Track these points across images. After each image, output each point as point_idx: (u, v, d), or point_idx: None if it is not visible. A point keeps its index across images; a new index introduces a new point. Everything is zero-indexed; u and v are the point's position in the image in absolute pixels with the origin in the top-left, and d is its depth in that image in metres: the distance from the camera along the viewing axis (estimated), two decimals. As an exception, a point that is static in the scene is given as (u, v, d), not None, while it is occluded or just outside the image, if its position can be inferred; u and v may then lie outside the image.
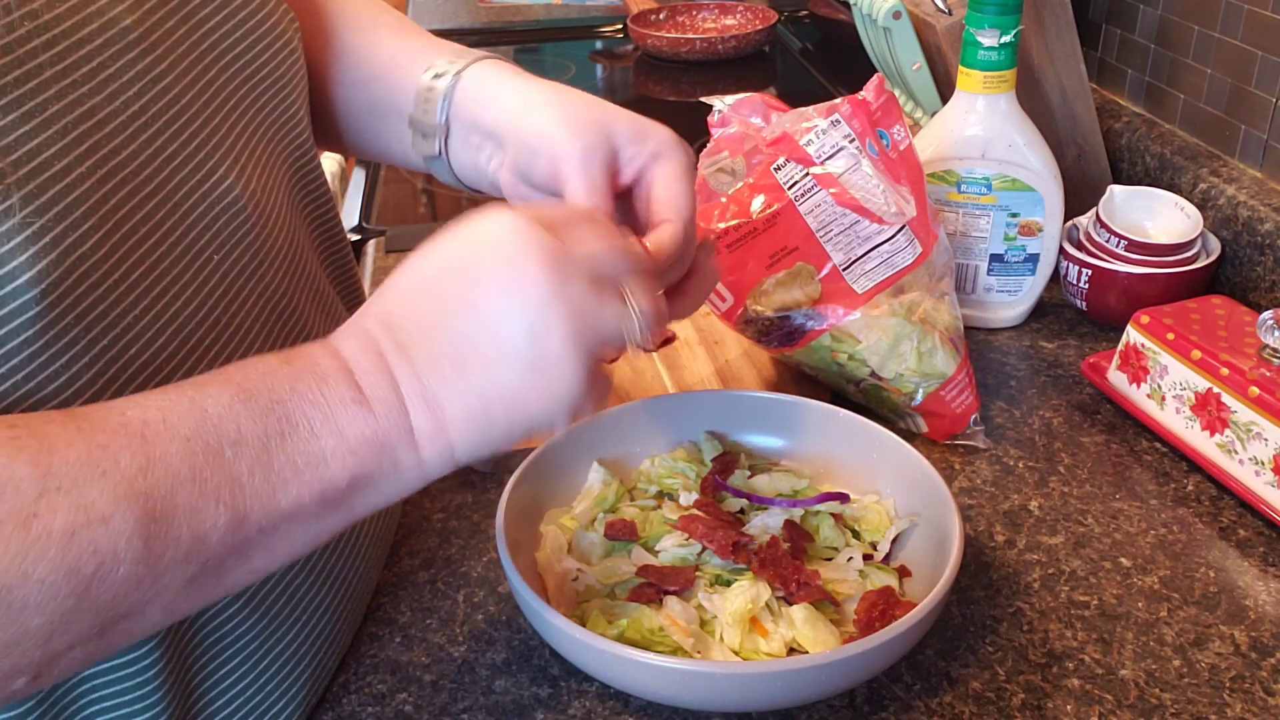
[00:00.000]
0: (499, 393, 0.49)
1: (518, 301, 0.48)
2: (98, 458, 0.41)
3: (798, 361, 0.86)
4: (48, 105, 0.43)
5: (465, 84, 0.66)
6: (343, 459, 0.46)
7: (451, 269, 0.50)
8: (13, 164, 0.41)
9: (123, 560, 0.40)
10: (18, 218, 0.41)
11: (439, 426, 0.49)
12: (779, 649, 0.62)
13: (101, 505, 0.40)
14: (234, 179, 0.53)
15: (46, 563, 0.38)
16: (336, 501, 0.47)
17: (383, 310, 0.50)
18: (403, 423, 0.48)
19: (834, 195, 0.79)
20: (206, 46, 0.55)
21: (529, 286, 0.48)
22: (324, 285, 0.63)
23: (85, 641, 0.41)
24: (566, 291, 0.49)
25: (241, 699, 0.56)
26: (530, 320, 0.48)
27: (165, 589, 0.42)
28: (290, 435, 0.45)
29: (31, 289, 0.41)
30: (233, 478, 0.43)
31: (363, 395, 0.47)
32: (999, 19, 0.87)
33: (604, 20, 1.97)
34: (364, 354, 0.48)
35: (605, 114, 0.62)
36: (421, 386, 0.48)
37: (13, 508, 0.38)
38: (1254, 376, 0.75)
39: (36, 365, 0.43)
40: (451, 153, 0.68)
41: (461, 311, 0.49)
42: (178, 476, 0.42)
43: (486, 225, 0.50)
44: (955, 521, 0.65)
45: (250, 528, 0.44)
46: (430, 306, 0.49)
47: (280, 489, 0.45)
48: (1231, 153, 1.01)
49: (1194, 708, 0.62)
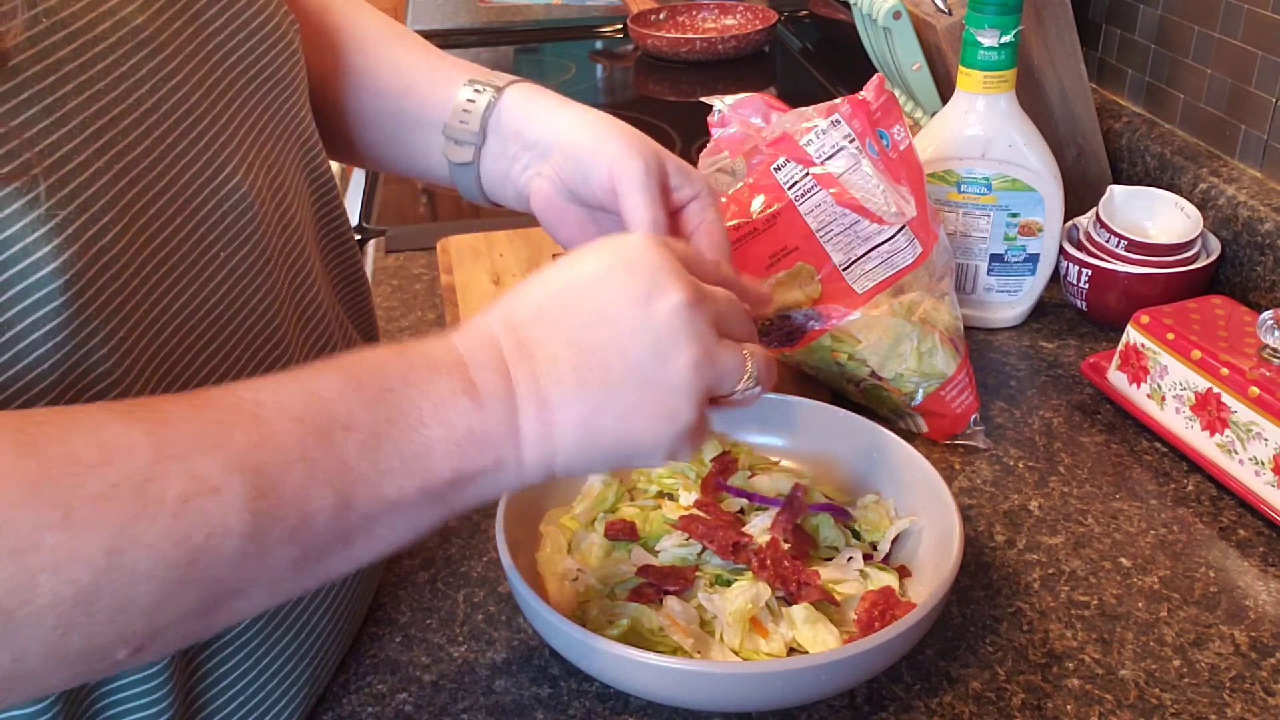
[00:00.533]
0: (614, 407, 0.49)
1: (652, 320, 0.49)
2: (211, 431, 0.41)
3: (798, 361, 0.86)
4: (68, 100, 0.44)
5: (510, 98, 0.69)
6: (447, 450, 0.47)
7: (588, 279, 0.51)
8: (39, 155, 0.42)
9: (231, 533, 0.41)
10: (43, 208, 0.41)
11: (546, 432, 0.49)
12: (779, 649, 0.62)
13: (214, 476, 0.40)
14: (242, 176, 0.54)
15: (158, 528, 0.39)
16: (437, 494, 0.47)
17: (508, 311, 0.51)
18: (510, 421, 0.48)
19: (834, 195, 0.79)
20: (212, 46, 0.55)
21: (666, 308, 0.49)
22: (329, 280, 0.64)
23: (190, 617, 0.41)
24: (698, 323, 0.50)
25: (243, 698, 0.56)
26: (660, 340, 0.49)
27: (270, 568, 0.43)
28: (399, 423, 0.46)
29: (56, 279, 0.42)
30: (341, 461, 0.44)
31: (474, 389, 0.48)
32: (999, 19, 0.87)
33: (604, 20, 1.97)
34: (481, 349, 0.49)
35: (658, 147, 0.66)
36: (537, 387, 0.49)
37: (127, 472, 0.38)
38: (1254, 376, 0.75)
39: (61, 356, 0.43)
40: (483, 160, 0.70)
41: (593, 320, 0.49)
42: (289, 455, 0.42)
43: (629, 245, 0.51)
44: (955, 521, 0.65)
45: (354, 514, 0.45)
46: (560, 311, 0.50)
47: (386, 477, 0.45)
48: (1231, 153, 1.01)
49: (1194, 708, 0.62)
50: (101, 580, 0.38)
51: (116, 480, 0.38)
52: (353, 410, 0.45)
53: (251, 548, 0.41)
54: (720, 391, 0.52)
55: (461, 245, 1.10)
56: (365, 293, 0.73)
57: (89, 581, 0.38)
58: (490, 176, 0.71)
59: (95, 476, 0.38)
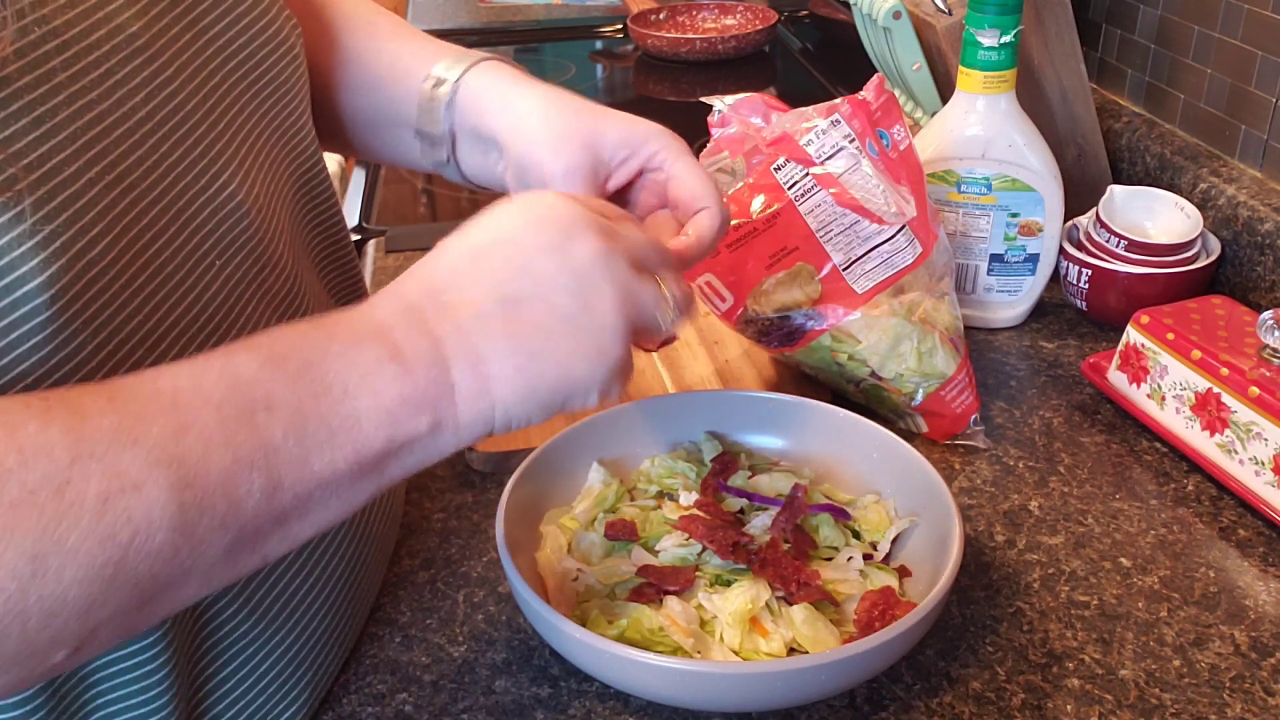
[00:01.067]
0: (550, 353, 0.50)
1: (571, 265, 0.50)
2: (130, 425, 0.40)
3: (798, 361, 0.86)
4: (58, 111, 0.43)
5: (465, 90, 0.67)
6: (378, 420, 0.46)
7: (502, 238, 0.51)
8: (25, 169, 0.41)
9: (158, 528, 0.40)
10: (29, 223, 0.41)
11: (483, 385, 0.49)
12: (779, 649, 0.62)
13: (134, 472, 0.40)
14: (238, 184, 0.53)
15: (80, 530, 0.38)
16: (371, 465, 0.47)
17: (424, 278, 0.51)
18: (443, 380, 0.48)
19: (834, 195, 0.79)
20: (211, 53, 0.55)
21: (582, 253, 0.50)
22: (323, 289, 0.63)
23: (124, 614, 0.41)
24: (614, 263, 0.51)
25: (245, 700, 0.56)
26: (582, 283, 0.50)
27: (202, 558, 0.42)
28: (323, 397, 0.45)
29: (42, 294, 0.41)
30: (266, 442, 0.43)
31: (400, 353, 0.47)
32: (999, 19, 0.87)
33: (604, 20, 1.97)
34: (403, 315, 0.49)
35: (592, 124, 0.64)
36: (467, 342, 0.48)
37: (46, 474, 0.38)
38: (1254, 376, 0.75)
39: (46, 370, 0.43)
40: (460, 156, 0.70)
41: (513, 274, 0.50)
42: (210, 443, 0.42)
43: (536, 201, 0.53)
44: (955, 521, 0.65)
45: (286, 494, 0.44)
46: (478, 269, 0.50)
47: (314, 453, 0.45)
48: (1231, 153, 1.01)
49: (1194, 708, 0.62)
50: (29, 587, 0.37)
51: (34, 485, 0.38)
52: (273, 389, 0.44)
53: (181, 540, 0.41)
54: (644, 323, 0.53)
55: (461, 245, 1.10)
56: (362, 297, 0.73)
57: (16, 589, 0.37)
58: (471, 169, 0.70)
59: (13, 482, 0.37)
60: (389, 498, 0.71)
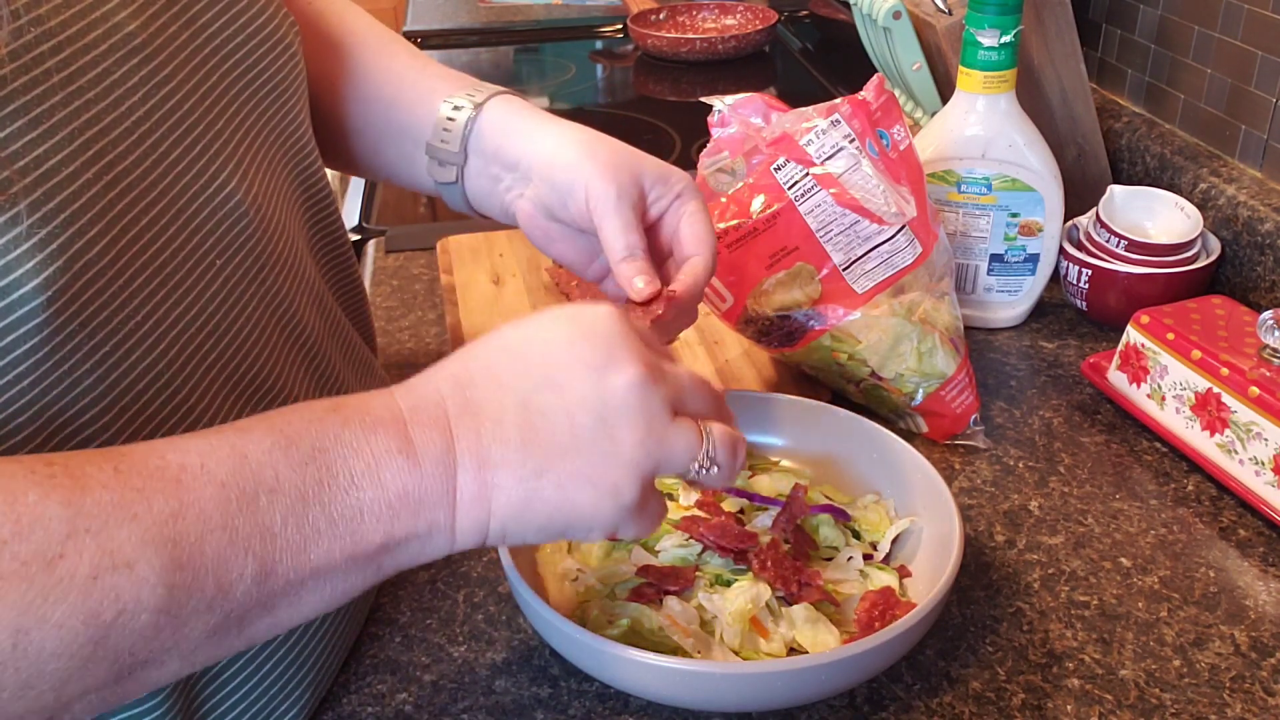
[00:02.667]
0: (555, 473, 0.48)
1: (604, 390, 0.48)
2: (130, 500, 0.40)
3: (798, 361, 0.86)
4: (54, 112, 0.43)
5: (487, 117, 0.69)
6: (378, 514, 0.45)
7: (545, 343, 0.50)
8: (19, 171, 0.41)
9: (145, 608, 0.40)
10: (24, 225, 0.41)
11: (484, 492, 0.47)
12: (779, 649, 0.62)
13: (128, 550, 0.39)
14: (237, 183, 0.53)
15: (66, 606, 0.38)
16: (366, 559, 0.46)
17: (459, 368, 0.50)
18: (448, 480, 0.47)
19: (834, 195, 0.79)
20: (209, 51, 0.55)
21: (620, 381, 0.48)
22: (323, 289, 0.64)
23: (100, 688, 0.41)
24: (651, 400, 0.49)
25: (245, 701, 0.56)
26: (609, 411, 0.48)
27: (185, 639, 0.42)
28: (329, 485, 0.44)
29: (38, 296, 0.41)
30: (264, 527, 0.43)
31: (411, 447, 0.46)
32: (999, 19, 0.87)
33: (604, 20, 1.97)
34: (423, 407, 0.48)
35: (634, 158, 0.66)
36: (479, 445, 0.47)
37: (39, 547, 0.38)
38: (1254, 376, 0.75)
39: (42, 372, 0.43)
40: (467, 179, 0.71)
41: (544, 383, 0.48)
42: (209, 523, 0.41)
43: (590, 313, 0.51)
44: (955, 521, 0.65)
45: (277, 580, 0.43)
46: (512, 371, 0.49)
47: (311, 542, 0.44)
48: (1231, 153, 1.01)
49: (1194, 708, 0.62)
50: (7, 659, 0.37)
51: (27, 557, 0.37)
52: (280, 472, 0.43)
53: (165, 620, 0.40)
54: (670, 472, 0.51)
55: (461, 245, 1.10)
56: (361, 297, 0.73)
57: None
58: (476, 194, 0.71)
59: (6, 553, 0.37)
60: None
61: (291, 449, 0.44)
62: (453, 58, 1.82)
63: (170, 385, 0.49)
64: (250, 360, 0.54)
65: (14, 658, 0.37)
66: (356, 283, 0.72)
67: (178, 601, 0.41)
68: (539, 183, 0.67)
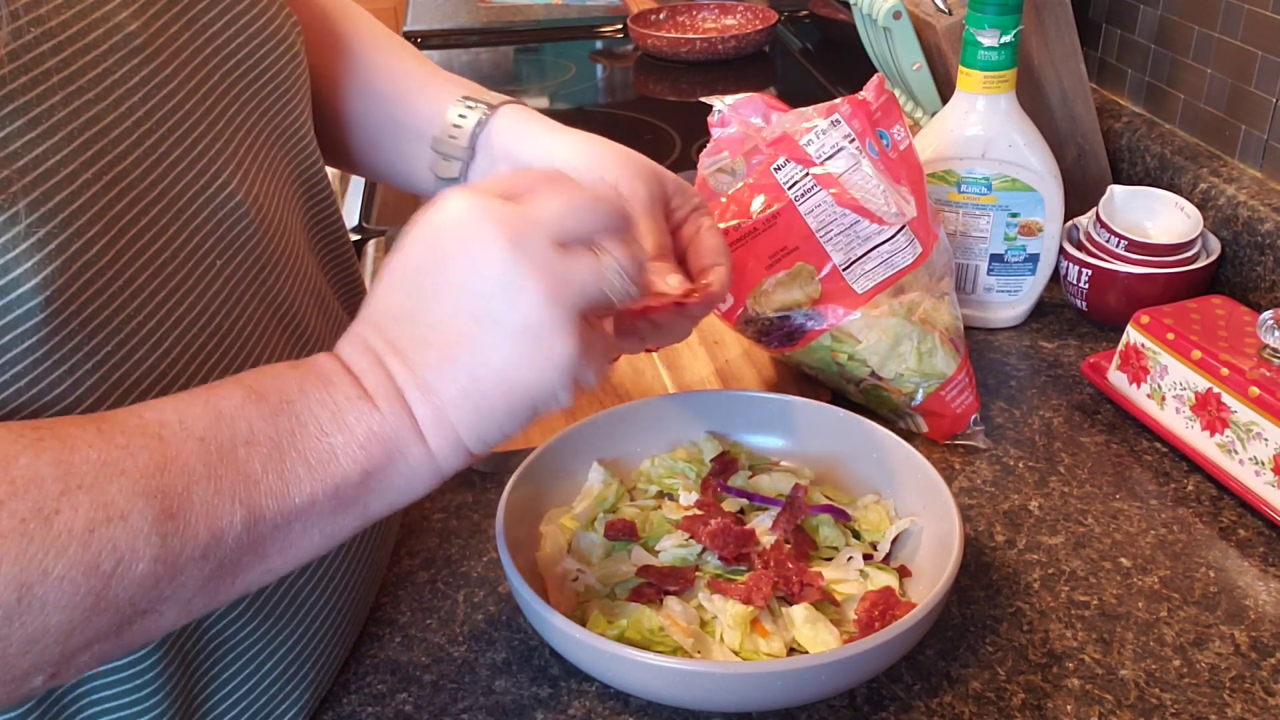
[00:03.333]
0: (490, 369, 0.48)
1: (483, 273, 0.48)
2: (117, 457, 0.41)
3: (798, 361, 0.86)
4: (54, 112, 0.43)
5: (502, 119, 0.70)
6: (352, 454, 0.47)
7: (418, 259, 0.50)
8: (18, 171, 0.41)
9: (141, 557, 0.41)
10: (23, 225, 0.41)
11: (439, 413, 0.49)
12: (779, 649, 0.62)
13: (120, 503, 0.41)
14: (237, 184, 0.53)
15: (67, 559, 0.39)
16: (350, 498, 0.47)
17: (370, 313, 0.51)
18: (405, 413, 0.48)
19: (834, 195, 0.79)
20: (210, 51, 0.55)
21: (489, 256, 0.48)
22: (324, 288, 0.64)
23: (103, 639, 0.42)
24: (528, 252, 0.47)
25: (245, 702, 0.56)
26: (498, 287, 0.47)
27: (182, 586, 0.43)
28: (300, 434, 0.46)
29: (36, 296, 0.41)
30: (247, 476, 0.44)
31: (365, 391, 0.48)
32: (999, 19, 0.87)
33: (604, 20, 1.97)
34: (361, 354, 0.49)
35: (656, 167, 0.67)
36: (414, 376, 0.49)
37: (36, 504, 0.39)
38: (1254, 376, 0.75)
39: (41, 372, 0.43)
40: (470, 178, 0.71)
41: (434, 298, 0.49)
42: (193, 475, 0.43)
43: (442, 209, 0.50)
44: (955, 521, 0.65)
45: (265, 525, 0.45)
46: (407, 300, 0.50)
47: (293, 486, 0.45)
48: (1231, 153, 1.01)
49: (1194, 708, 0.62)
50: (13, 614, 0.38)
51: (25, 514, 0.39)
52: (254, 425, 0.45)
53: (162, 569, 0.42)
54: (590, 301, 0.49)
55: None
56: (362, 296, 0.73)
57: (1, 617, 0.38)
58: None
59: (4, 513, 0.38)
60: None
61: (261, 403, 0.46)
62: (453, 58, 1.82)
63: (170, 385, 0.49)
64: (250, 359, 0.54)
65: (19, 612, 0.38)
66: (357, 282, 0.72)
67: (172, 550, 0.42)
68: None
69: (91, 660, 0.42)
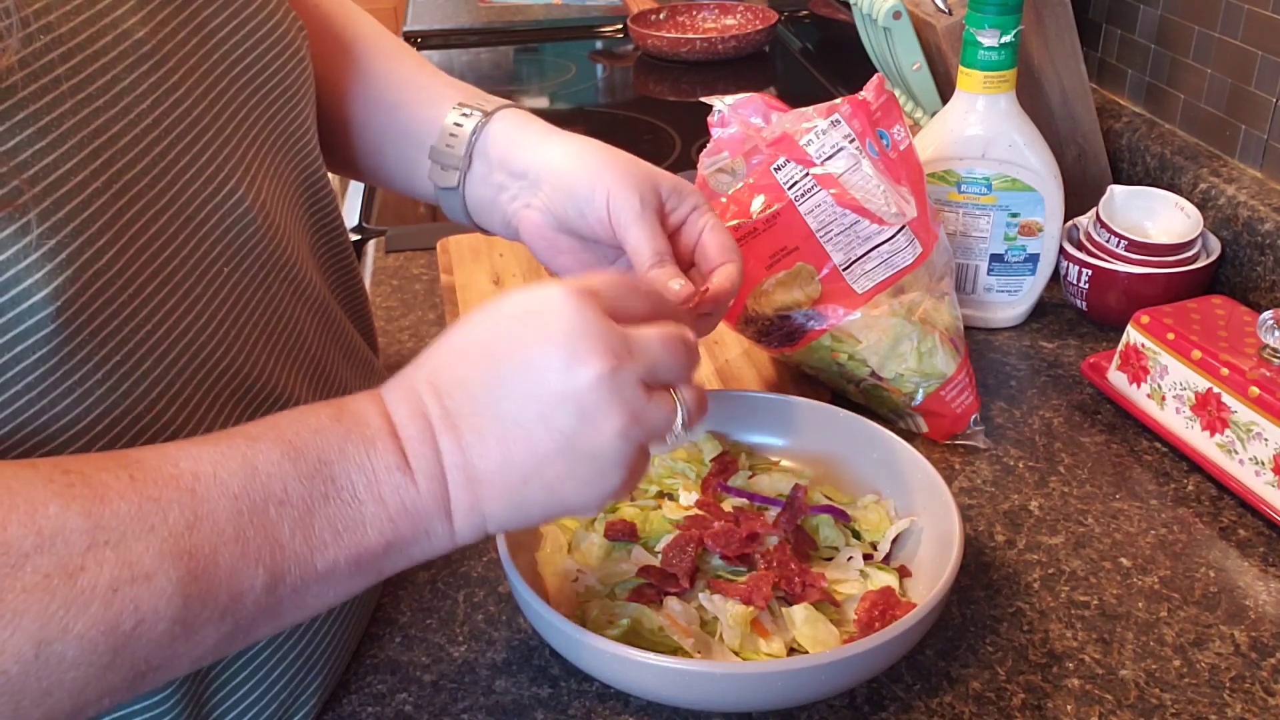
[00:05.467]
0: (540, 478, 0.49)
1: (575, 391, 0.48)
2: (148, 511, 0.41)
3: (798, 361, 0.86)
4: (64, 120, 0.43)
5: (497, 125, 0.69)
6: (380, 526, 0.47)
7: (506, 343, 0.50)
8: (28, 181, 0.41)
9: (162, 618, 0.41)
10: (34, 235, 0.41)
11: (475, 503, 0.49)
12: (779, 649, 0.62)
13: (146, 562, 0.40)
14: (245, 190, 0.53)
15: (88, 618, 0.39)
16: (369, 564, 0.47)
17: (433, 372, 0.50)
18: (442, 494, 0.48)
19: (834, 196, 0.79)
20: (218, 57, 0.54)
21: (582, 377, 0.48)
22: (325, 294, 0.64)
23: (114, 692, 0.41)
24: (622, 387, 0.49)
25: (253, 704, 0.56)
26: (584, 411, 0.48)
27: (197, 645, 0.43)
28: (334, 498, 0.46)
29: (47, 306, 0.41)
30: (274, 539, 0.44)
31: (407, 464, 0.48)
32: (999, 19, 0.87)
33: (604, 20, 1.97)
34: (411, 419, 0.48)
35: (650, 170, 0.66)
36: (464, 460, 0.48)
37: (61, 560, 0.38)
38: (1254, 376, 0.75)
39: (51, 382, 0.43)
40: (468, 185, 0.70)
41: (515, 393, 0.49)
42: (223, 535, 0.42)
43: (549, 300, 0.50)
44: (955, 521, 0.65)
45: (285, 588, 0.45)
46: (480, 378, 0.49)
47: (318, 551, 0.45)
48: (1231, 153, 1.01)
49: (1194, 708, 0.62)
50: (30, 670, 0.38)
51: (49, 570, 0.38)
52: (288, 484, 0.45)
53: (180, 630, 0.42)
54: (651, 441, 0.52)
55: (461, 245, 1.10)
56: (362, 298, 0.73)
57: (18, 673, 0.38)
58: (476, 202, 0.71)
59: (29, 566, 0.38)
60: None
61: (299, 461, 0.45)
62: (453, 58, 1.82)
63: (180, 394, 0.49)
64: (252, 367, 0.54)
65: (36, 668, 0.38)
66: (357, 283, 0.72)
67: (192, 611, 0.42)
68: (551, 191, 0.66)
69: (101, 708, 0.42)
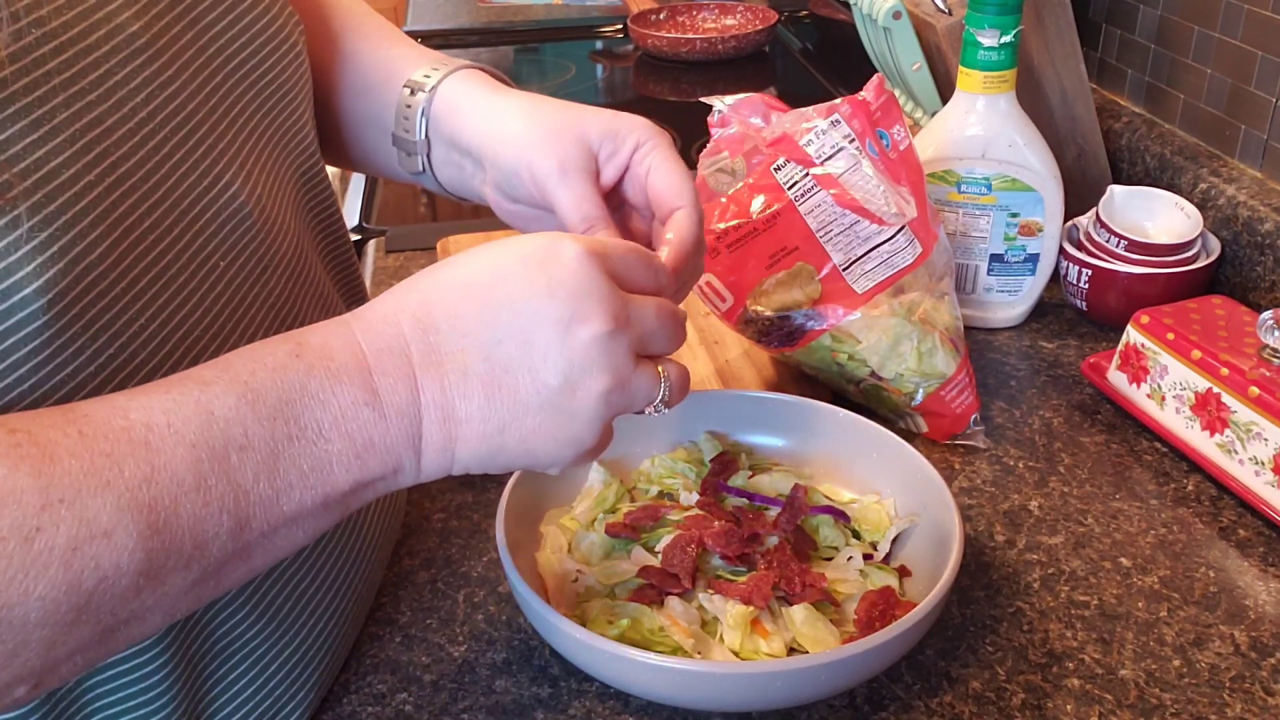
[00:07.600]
0: (518, 427, 0.49)
1: (569, 346, 0.48)
2: (101, 467, 0.40)
3: (798, 361, 0.86)
4: (55, 114, 0.43)
5: (441, 99, 0.66)
6: (348, 464, 0.46)
7: (511, 291, 0.49)
8: (19, 174, 0.41)
9: (124, 573, 0.40)
10: (25, 228, 0.41)
11: (448, 443, 0.49)
12: (779, 649, 0.62)
13: (104, 519, 0.39)
14: (240, 185, 0.53)
15: (48, 580, 0.38)
16: (335, 503, 0.47)
17: (419, 307, 0.49)
18: (413, 430, 0.48)
19: (834, 196, 0.79)
20: (213, 52, 0.54)
21: (585, 336, 0.49)
22: (329, 290, 0.63)
23: (85, 649, 0.41)
24: (616, 351, 0.49)
25: (251, 703, 0.56)
26: (573, 367, 0.49)
27: (166, 596, 0.42)
28: (298, 439, 0.45)
29: (38, 299, 0.41)
30: (237, 485, 0.43)
31: (376, 398, 0.47)
32: (999, 19, 0.87)
33: (604, 20, 1.97)
34: (388, 353, 0.47)
35: (577, 119, 0.63)
36: (444, 399, 0.48)
37: (15, 522, 0.37)
38: (1254, 376, 0.75)
39: (43, 375, 0.42)
40: (436, 168, 0.69)
41: (508, 336, 0.48)
42: (182, 486, 0.41)
43: (560, 252, 0.50)
44: (955, 521, 0.65)
45: (252, 533, 0.44)
46: (477, 321, 0.49)
47: (284, 494, 0.44)
48: (1231, 153, 1.01)
49: (1194, 708, 0.62)
50: None
51: (4, 534, 0.37)
52: (249, 428, 0.43)
53: (145, 582, 0.41)
54: (628, 409, 0.52)
55: (461, 245, 1.10)
56: (363, 297, 0.73)
57: None
58: (449, 182, 0.70)
59: None
60: (391, 498, 0.71)
61: (258, 403, 0.44)
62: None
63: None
64: None
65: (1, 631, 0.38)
66: (358, 283, 0.72)
67: (156, 563, 0.41)
68: (491, 169, 0.65)
69: (76, 668, 0.42)
